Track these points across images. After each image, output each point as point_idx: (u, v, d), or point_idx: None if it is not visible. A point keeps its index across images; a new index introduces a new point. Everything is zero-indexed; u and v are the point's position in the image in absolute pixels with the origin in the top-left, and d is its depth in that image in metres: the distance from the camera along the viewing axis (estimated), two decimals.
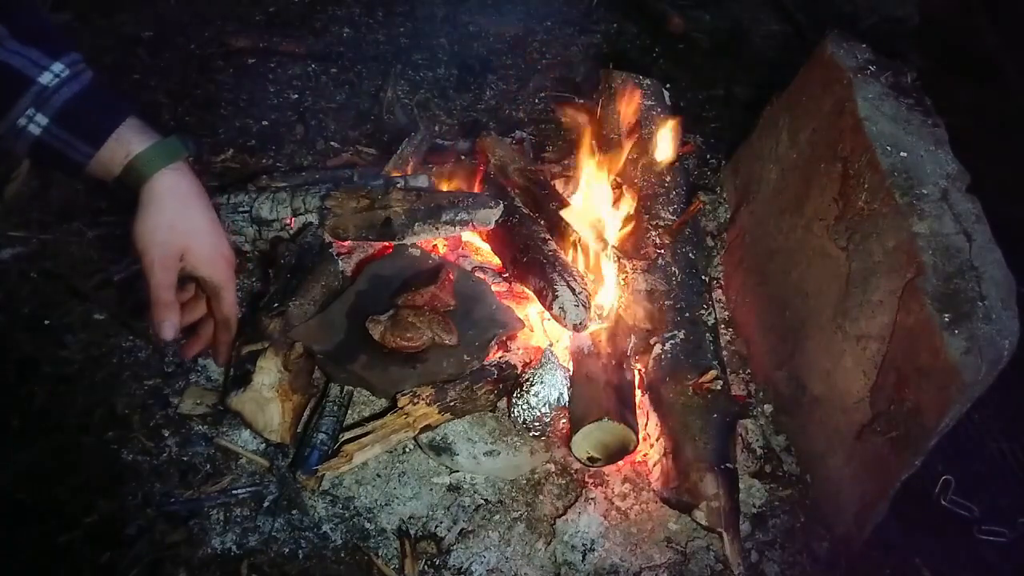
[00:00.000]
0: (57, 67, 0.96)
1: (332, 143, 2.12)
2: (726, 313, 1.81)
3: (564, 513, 1.42)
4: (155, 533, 1.31)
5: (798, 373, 1.54)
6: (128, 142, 1.01)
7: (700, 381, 1.46)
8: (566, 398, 1.45)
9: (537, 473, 1.48)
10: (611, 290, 1.65)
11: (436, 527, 1.39)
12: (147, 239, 1.03)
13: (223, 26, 2.44)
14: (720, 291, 1.84)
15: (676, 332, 1.57)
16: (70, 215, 1.78)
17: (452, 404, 1.40)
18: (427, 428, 1.41)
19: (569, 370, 1.52)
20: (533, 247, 1.61)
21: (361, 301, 1.53)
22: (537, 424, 1.44)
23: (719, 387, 1.47)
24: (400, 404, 1.39)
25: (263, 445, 1.44)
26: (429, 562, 1.34)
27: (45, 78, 0.95)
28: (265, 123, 2.16)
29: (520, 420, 1.44)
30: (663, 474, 1.42)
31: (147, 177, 1.02)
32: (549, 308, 1.50)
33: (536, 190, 1.73)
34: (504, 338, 1.54)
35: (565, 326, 1.49)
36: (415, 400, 1.38)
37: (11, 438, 1.40)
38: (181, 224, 1.05)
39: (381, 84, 2.32)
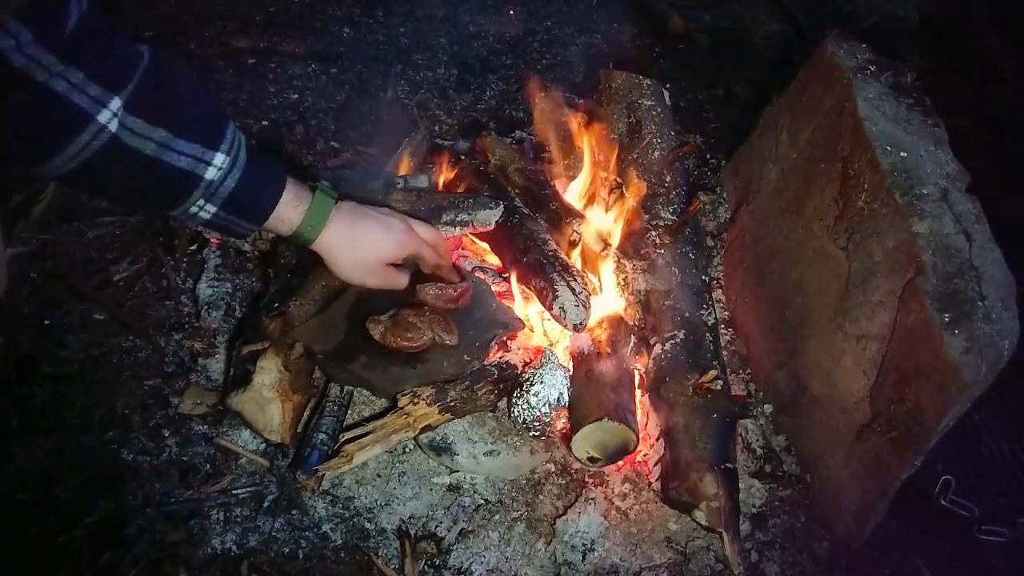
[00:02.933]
0: (219, 159, 1.04)
1: (332, 143, 2.12)
2: (726, 313, 1.81)
3: (564, 513, 1.42)
4: (155, 533, 1.31)
5: (798, 373, 1.54)
6: (287, 218, 1.16)
7: (700, 381, 1.46)
8: (566, 398, 1.45)
9: (537, 473, 1.48)
10: (611, 290, 1.65)
11: (436, 527, 1.39)
12: (352, 277, 1.30)
13: (223, 26, 2.44)
14: (720, 291, 1.84)
15: (676, 332, 1.57)
16: (70, 215, 1.78)
17: (452, 404, 1.40)
18: (427, 428, 1.41)
19: (569, 370, 1.52)
20: (533, 247, 1.61)
21: (361, 301, 1.53)
22: (537, 424, 1.43)
23: (719, 387, 1.47)
24: (400, 404, 1.38)
25: (263, 445, 1.44)
26: (429, 562, 1.34)
27: (210, 173, 1.04)
28: (265, 123, 2.16)
29: (520, 420, 1.44)
30: (663, 474, 1.42)
31: (312, 241, 1.21)
32: (549, 308, 1.50)
33: (536, 190, 1.73)
34: (504, 338, 1.54)
35: (565, 326, 1.49)
36: (415, 400, 1.38)
37: (11, 438, 1.40)
38: (368, 254, 1.28)
39: (381, 84, 2.32)
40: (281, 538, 1.34)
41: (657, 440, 1.48)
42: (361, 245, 1.27)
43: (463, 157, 1.88)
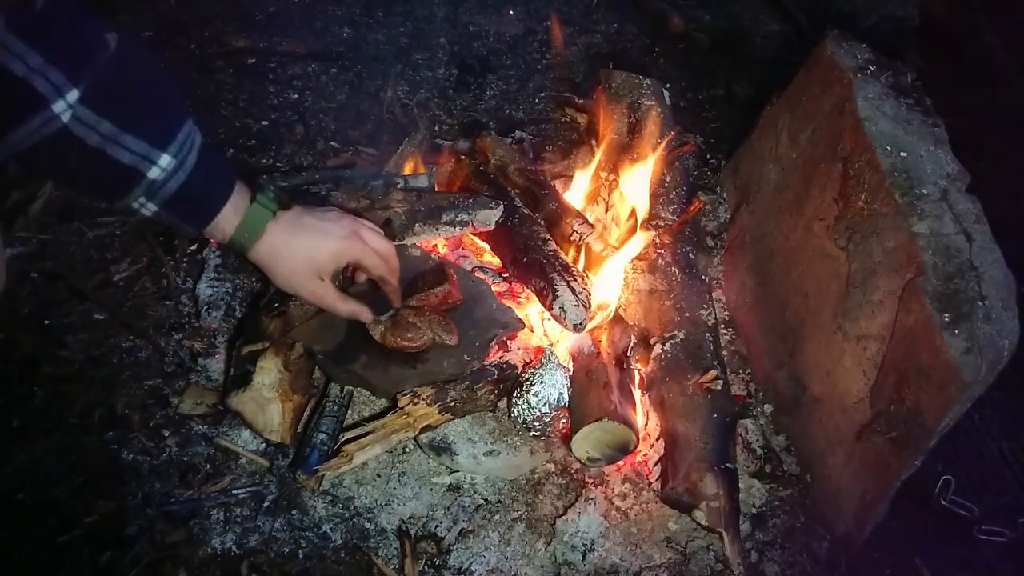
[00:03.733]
0: (164, 160, 1.02)
1: (332, 143, 2.12)
2: (726, 313, 1.81)
3: (564, 513, 1.42)
4: (155, 533, 1.31)
5: (798, 373, 1.54)
6: (222, 229, 1.13)
7: (700, 381, 1.46)
8: (566, 398, 1.45)
9: (537, 473, 1.48)
10: (612, 290, 1.65)
11: (436, 527, 1.39)
12: (289, 288, 1.25)
13: (223, 26, 2.44)
14: (720, 291, 1.84)
15: (676, 332, 1.57)
16: (70, 215, 1.78)
17: (452, 404, 1.40)
18: (427, 428, 1.41)
19: (569, 370, 1.52)
20: (533, 247, 1.61)
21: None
22: (537, 424, 1.44)
23: (719, 387, 1.47)
24: (400, 404, 1.38)
25: (263, 445, 1.44)
26: (429, 562, 1.34)
27: (154, 173, 1.01)
28: (265, 123, 2.16)
29: (520, 420, 1.44)
30: (663, 474, 1.42)
31: (247, 251, 1.18)
32: (549, 308, 1.50)
33: (536, 190, 1.73)
34: (504, 338, 1.54)
35: (565, 326, 1.49)
36: (415, 400, 1.38)
37: (11, 438, 1.40)
38: (300, 264, 1.22)
39: (381, 84, 2.32)
40: (281, 538, 1.34)
41: (657, 440, 1.48)
42: (294, 255, 1.22)
43: (463, 157, 1.88)
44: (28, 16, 0.86)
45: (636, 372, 1.57)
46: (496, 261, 1.76)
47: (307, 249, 1.23)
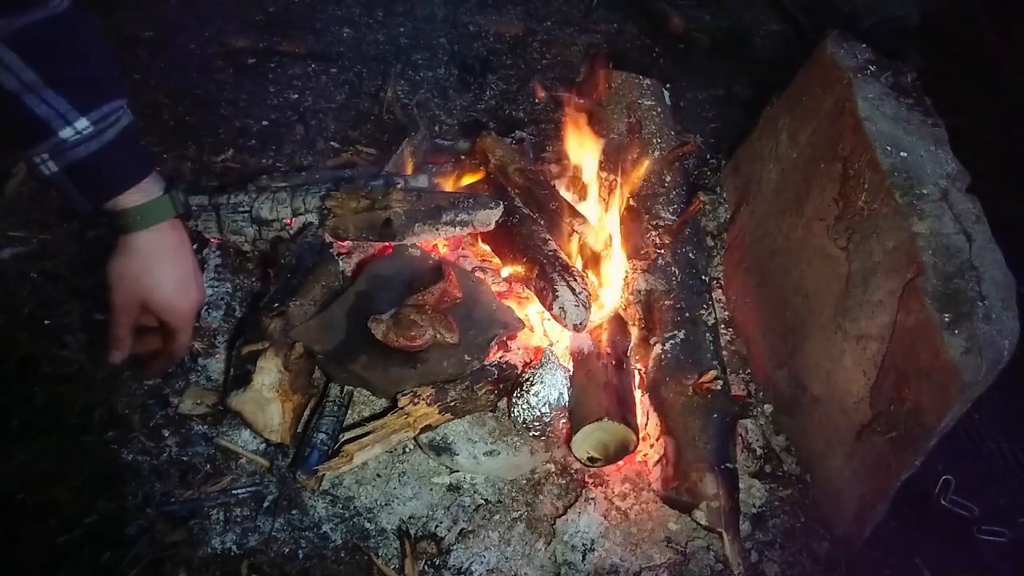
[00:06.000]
0: (81, 123, 1.00)
1: (332, 143, 2.12)
2: (726, 313, 1.81)
3: (564, 513, 1.42)
4: (155, 533, 1.31)
5: (798, 373, 1.54)
6: (125, 201, 1.07)
7: (700, 381, 1.46)
8: (566, 398, 1.45)
9: (537, 473, 1.48)
10: (611, 290, 1.65)
11: (436, 527, 1.39)
12: (115, 281, 1.11)
13: (223, 26, 2.44)
14: (720, 291, 1.84)
15: (676, 332, 1.57)
16: (70, 215, 1.78)
17: (452, 404, 1.40)
18: (427, 428, 1.41)
19: (569, 370, 1.52)
20: (533, 247, 1.61)
21: (361, 301, 1.53)
22: (537, 424, 1.43)
23: (719, 387, 1.47)
24: (400, 404, 1.39)
25: (263, 445, 1.44)
26: (429, 562, 1.34)
27: (65, 132, 0.99)
28: (265, 123, 2.16)
29: (520, 420, 1.44)
30: (663, 474, 1.42)
31: (127, 232, 1.09)
32: (549, 308, 1.50)
33: (536, 190, 1.73)
34: (504, 338, 1.54)
35: (565, 326, 1.49)
36: (415, 400, 1.38)
37: (11, 438, 1.40)
38: (146, 279, 1.12)
39: (381, 84, 2.32)
40: (281, 538, 1.34)
41: (657, 440, 1.48)
42: (156, 273, 1.12)
43: (463, 157, 1.88)
44: None
45: (636, 372, 1.57)
46: (496, 261, 1.76)
47: (173, 280, 1.13)
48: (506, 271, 1.71)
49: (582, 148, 1.82)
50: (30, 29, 0.94)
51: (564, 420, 1.44)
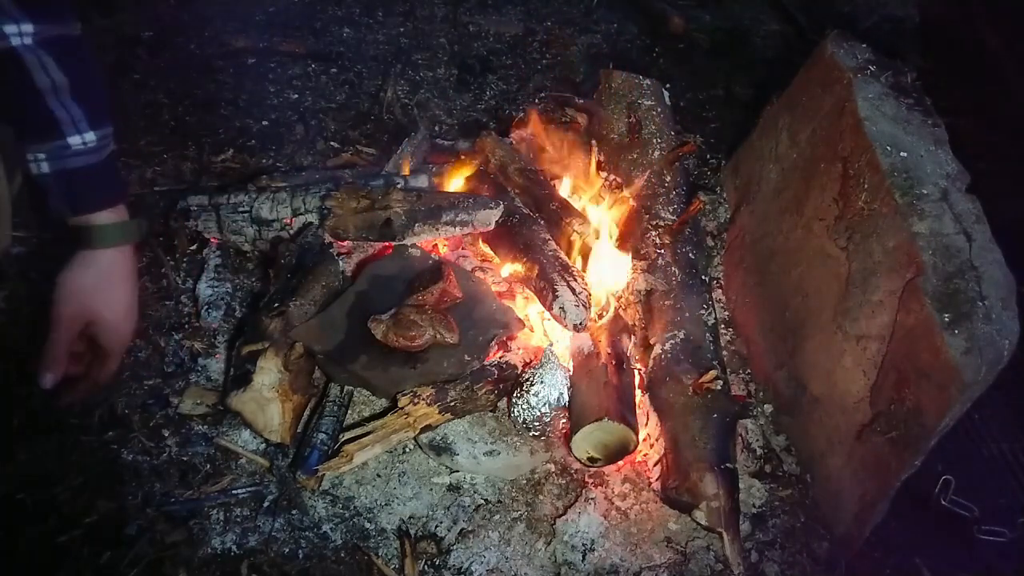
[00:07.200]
0: (89, 136, 1.06)
1: (332, 143, 2.12)
2: (726, 313, 1.81)
3: (564, 513, 1.42)
4: (155, 533, 1.31)
5: (798, 373, 1.54)
6: (96, 219, 1.11)
7: (700, 381, 1.46)
8: (566, 398, 1.45)
9: (537, 473, 1.48)
10: (611, 290, 1.65)
11: (436, 527, 1.39)
12: (64, 296, 1.11)
13: (223, 26, 2.44)
14: (720, 291, 1.84)
15: (676, 332, 1.57)
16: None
17: (452, 404, 1.40)
18: (427, 428, 1.41)
19: (569, 370, 1.52)
20: (533, 247, 1.61)
21: (361, 301, 1.53)
22: (537, 424, 1.44)
23: (719, 387, 1.47)
24: (400, 404, 1.39)
25: (263, 445, 1.44)
26: (429, 562, 1.34)
27: (73, 140, 1.05)
28: (265, 123, 2.16)
29: (520, 420, 1.44)
30: (663, 474, 1.42)
31: (92, 247, 1.11)
32: (549, 308, 1.50)
33: (536, 190, 1.73)
34: (504, 338, 1.54)
35: (565, 326, 1.49)
36: (415, 400, 1.38)
37: (11, 438, 1.40)
38: (100, 295, 1.13)
39: (381, 84, 2.32)
40: (281, 538, 1.34)
41: (657, 440, 1.48)
42: (108, 295, 1.14)
43: (463, 157, 1.89)
44: None
45: (636, 372, 1.57)
46: (496, 261, 1.76)
47: (122, 305, 1.15)
48: (506, 271, 1.71)
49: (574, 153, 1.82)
50: (61, 41, 1.01)
51: (564, 420, 1.44)
